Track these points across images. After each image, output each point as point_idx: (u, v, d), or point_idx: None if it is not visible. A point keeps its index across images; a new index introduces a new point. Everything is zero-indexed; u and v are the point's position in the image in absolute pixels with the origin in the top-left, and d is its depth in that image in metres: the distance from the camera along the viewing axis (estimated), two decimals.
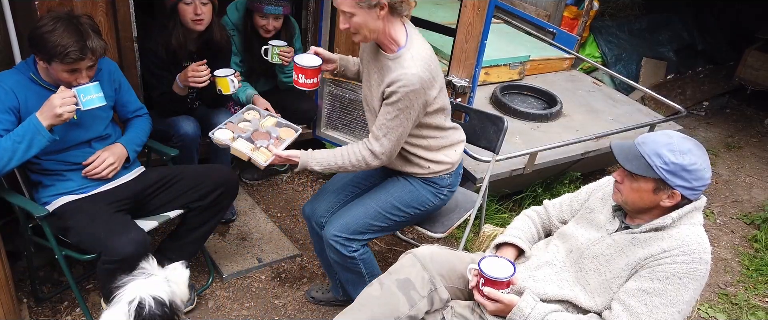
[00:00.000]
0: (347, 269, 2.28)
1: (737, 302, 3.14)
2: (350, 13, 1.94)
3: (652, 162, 1.59)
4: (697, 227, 1.64)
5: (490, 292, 1.69)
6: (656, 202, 1.64)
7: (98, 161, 2.27)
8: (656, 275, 1.59)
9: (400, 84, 1.97)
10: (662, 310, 1.57)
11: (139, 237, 2.14)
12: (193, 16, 2.64)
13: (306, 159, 2.11)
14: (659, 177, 1.59)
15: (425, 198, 2.29)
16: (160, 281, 1.83)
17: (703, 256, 1.59)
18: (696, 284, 1.58)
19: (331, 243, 2.21)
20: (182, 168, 2.52)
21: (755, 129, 5.34)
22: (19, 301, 2.51)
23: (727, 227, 3.83)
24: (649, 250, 1.62)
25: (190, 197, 2.42)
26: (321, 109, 3.47)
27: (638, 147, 1.64)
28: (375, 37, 2.03)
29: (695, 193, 1.62)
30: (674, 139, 1.61)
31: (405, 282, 1.83)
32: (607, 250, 1.71)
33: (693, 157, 1.58)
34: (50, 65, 2.05)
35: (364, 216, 2.23)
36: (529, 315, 1.68)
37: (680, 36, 5.89)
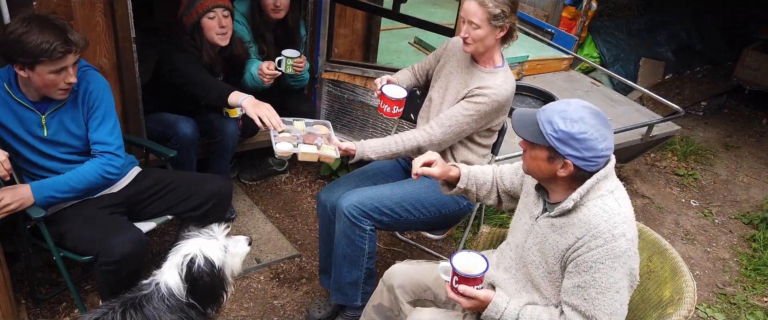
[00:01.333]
0: (351, 242, 2.28)
1: (736, 302, 3.14)
2: (476, 25, 2.13)
3: (544, 129, 1.55)
4: (605, 199, 1.58)
5: (466, 290, 1.69)
6: (553, 172, 1.60)
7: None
8: (580, 267, 1.58)
9: (492, 91, 2.19)
10: (601, 299, 1.56)
11: (137, 236, 2.14)
12: (218, 30, 2.67)
13: (362, 149, 2.22)
14: (550, 145, 1.55)
15: (445, 201, 2.35)
16: (219, 246, 1.87)
17: (615, 232, 1.54)
18: (620, 260, 1.55)
19: (346, 211, 2.23)
20: (176, 175, 2.48)
21: (753, 129, 5.35)
22: (18, 302, 2.51)
23: (725, 227, 3.84)
24: (566, 240, 1.61)
25: (183, 207, 2.40)
26: (320, 110, 3.47)
27: (536, 114, 1.60)
28: (482, 52, 2.22)
29: (589, 164, 1.55)
30: (571, 106, 1.56)
31: (379, 307, 2.06)
32: (536, 240, 1.70)
33: (583, 126, 1.52)
34: (34, 70, 1.94)
35: (385, 198, 2.27)
36: (505, 310, 1.68)
37: (678, 36, 5.89)
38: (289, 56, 2.85)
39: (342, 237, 2.29)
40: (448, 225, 2.48)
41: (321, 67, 3.33)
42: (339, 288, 2.41)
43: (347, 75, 3.30)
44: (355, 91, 3.31)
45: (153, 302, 1.80)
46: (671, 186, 4.22)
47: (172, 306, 1.81)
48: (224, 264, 1.88)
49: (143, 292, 1.83)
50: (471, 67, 2.30)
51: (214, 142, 2.96)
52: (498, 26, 2.14)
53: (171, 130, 2.79)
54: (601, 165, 1.59)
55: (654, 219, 3.80)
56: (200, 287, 1.82)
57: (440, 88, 2.39)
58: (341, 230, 2.29)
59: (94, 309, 1.83)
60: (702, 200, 4.11)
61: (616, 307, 1.57)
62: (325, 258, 2.53)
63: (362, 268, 2.33)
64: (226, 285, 1.92)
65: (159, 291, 1.82)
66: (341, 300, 2.42)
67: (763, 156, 4.85)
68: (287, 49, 2.92)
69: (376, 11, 3.31)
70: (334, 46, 3.36)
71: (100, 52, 2.58)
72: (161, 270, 1.86)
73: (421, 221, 2.36)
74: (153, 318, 1.78)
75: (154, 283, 1.84)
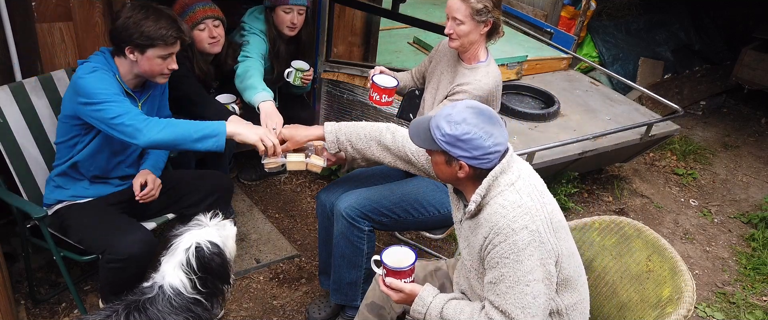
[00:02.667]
0: (350, 242, 2.28)
1: (735, 301, 3.14)
2: (460, 21, 2.16)
3: (434, 134, 1.58)
4: (504, 194, 1.59)
5: (392, 283, 1.71)
6: (454, 174, 1.62)
7: (151, 183, 2.28)
8: (490, 264, 1.60)
9: (470, 86, 2.20)
10: (511, 292, 1.57)
11: (147, 237, 2.14)
12: (209, 40, 2.67)
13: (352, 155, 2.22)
14: (442, 150, 1.58)
15: (444, 201, 2.35)
16: (213, 230, 1.91)
17: (514, 226, 1.55)
18: (525, 253, 1.55)
19: (344, 213, 2.24)
20: (178, 174, 2.51)
21: (752, 128, 5.36)
22: (17, 303, 2.50)
23: (724, 226, 3.84)
24: (478, 241, 1.63)
25: (185, 203, 2.42)
26: (319, 111, 3.47)
27: (429, 120, 1.62)
28: (466, 48, 2.24)
29: (482, 162, 1.57)
30: (456, 109, 1.58)
31: (372, 305, 2.07)
32: (463, 244, 1.74)
33: (466, 127, 1.54)
34: (145, 54, 2.07)
35: (384, 199, 2.28)
36: (431, 303, 1.70)
37: (677, 36, 5.90)
38: (299, 68, 2.85)
39: (340, 238, 2.30)
40: (448, 225, 2.49)
41: (320, 68, 3.33)
42: (339, 289, 2.41)
43: (346, 75, 3.30)
44: (354, 91, 3.31)
45: (157, 304, 1.80)
46: (670, 186, 4.23)
47: (178, 306, 1.81)
48: (225, 247, 1.92)
49: (147, 295, 1.83)
50: (456, 65, 2.33)
51: None
52: (481, 21, 2.16)
53: None
54: (495, 161, 1.60)
55: (653, 218, 3.81)
56: (214, 271, 1.85)
57: (432, 88, 2.41)
58: (340, 231, 2.29)
59: (97, 311, 1.82)
60: (701, 199, 4.12)
61: (528, 300, 1.57)
62: (325, 260, 2.53)
63: (361, 269, 2.34)
64: (230, 269, 1.95)
65: (164, 293, 1.81)
66: (341, 300, 2.43)
67: (762, 155, 4.86)
68: (297, 61, 2.91)
69: (375, 11, 3.31)
70: (333, 46, 3.36)
71: None
72: (162, 272, 1.86)
73: (420, 221, 2.36)
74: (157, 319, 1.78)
75: (157, 286, 1.84)
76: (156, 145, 2.06)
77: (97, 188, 2.30)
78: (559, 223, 1.67)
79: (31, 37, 2.42)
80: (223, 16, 2.73)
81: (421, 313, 1.71)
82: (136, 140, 2.02)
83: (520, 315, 1.56)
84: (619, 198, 3.92)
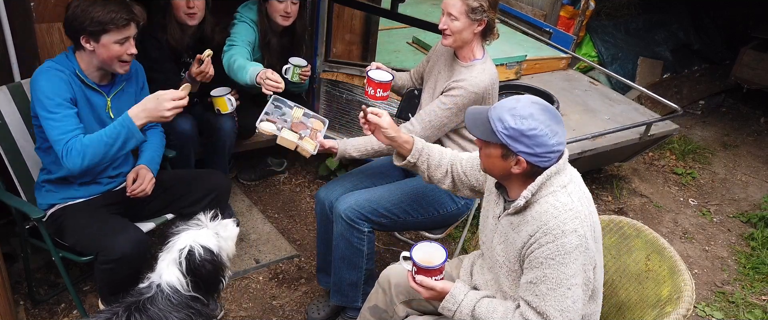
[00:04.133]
0: (350, 244, 2.28)
1: (734, 300, 3.14)
2: (454, 17, 2.15)
3: (495, 126, 1.55)
4: (557, 195, 1.58)
5: (423, 280, 1.70)
6: (507, 169, 1.60)
7: (140, 179, 2.26)
8: (533, 264, 1.58)
9: (467, 83, 2.20)
10: (551, 294, 1.56)
11: (138, 236, 2.14)
12: (186, 9, 2.64)
13: (344, 147, 2.23)
14: (502, 143, 1.55)
15: (443, 201, 2.35)
16: (210, 233, 1.89)
17: (565, 228, 1.54)
18: (571, 256, 1.54)
19: (343, 214, 2.23)
20: (175, 174, 2.51)
21: (751, 128, 5.36)
22: (16, 303, 2.50)
23: (723, 225, 3.84)
24: (522, 238, 1.61)
25: (183, 203, 2.41)
26: (318, 110, 3.47)
27: (488, 111, 1.60)
28: (461, 46, 2.24)
29: (541, 160, 1.56)
30: (520, 103, 1.56)
31: (374, 309, 2.07)
32: (499, 239, 1.71)
33: (533, 122, 1.52)
34: (100, 41, 2.04)
35: (384, 200, 2.28)
36: (462, 301, 1.69)
37: (676, 35, 5.90)
38: (297, 65, 2.83)
39: (340, 239, 2.30)
40: (447, 225, 2.49)
41: (319, 67, 3.33)
42: (339, 290, 2.41)
43: (345, 75, 3.30)
44: (353, 91, 3.31)
45: (157, 303, 1.80)
46: (669, 185, 4.23)
47: (177, 304, 1.81)
48: (220, 249, 1.90)
49: (145, 295, 1.82)
50: (452, 64, 2.33)
51: (211, 141, 2.96)
52: (476, 20, 2.16)
53: (169, 126, 2.78)
54: (553, 161, 1.59)
55: (652, 218, 3.81)
56: (204, 276, 1.83)
57: (430, 87, 2.41)
58: (339, 232, 2.29)
59: (96, 314, 1.82)
60: (700, 199, 4.12)
61: (567, 304, 1.56)
62: (323, 258, 2.53)
63: (362, 270, 2.34)
64: (224, 269, 1.94)
65: (162, 292, 1.81)
66: (342, 301, 2.43)
67: (761, 154, 4.86)
68: (295, 58, 2.89)
69: (374, 11, 3.31)
70: (332, 45, 3.36)
71: None
72: (158, 270, 1.86)
73: (420, 221, 2.36)
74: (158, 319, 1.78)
75: (155, 285, 1.83)
76: (87, 169, 2.08)
77: (87, 189, 2.29)
78: (599, 234, 1.67)
79: (30, 37, 2.42)
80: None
81: (452, 310, 1.70)
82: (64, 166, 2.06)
83: (558, 318, 1.56)
84: (619, 197, 3.92)
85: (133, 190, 2.24)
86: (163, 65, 2.73)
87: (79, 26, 2.03)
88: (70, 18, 2.04)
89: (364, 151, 2.24)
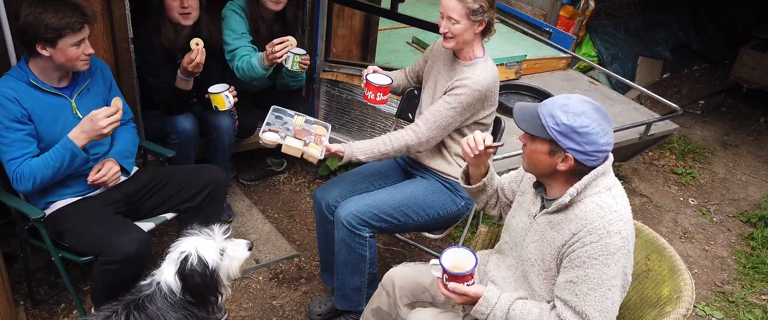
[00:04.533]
0: (352, 250, 2.28)
1: (734, 300, 3.14)
2: (455, 21, 2.14)
3: (546, 122, 1.56)
4: (601, 196, 1.59)
5: (456, 287, 1.70)
6: (553, 166, 1.60)
7: (105, 169, 2.25)
8: (574, 262, 1.58)
9: (470, 81, 2.19)
10: (591, 295, 1.55)
11: (140, 235, 2.14)
12: (180, 10, 2.63)
13: (350, 150, 2.20)
14: (551, 138, 1.56)
15: (444, 202, 2.36)
16: (215, 248, 1.87)
17: (610, 229, 1.54)
18: (614, 257, 1.55)
19: (344, 221, 2.23)
20: (173, 170, 2.51)
21: (751, 127, 5.36)
22: (16, 304, 2.50)
23: (723, 225, 3.84)
24: (563, 236, 1.61)
25: (181, 198, 2.41)
26: (318, 110, 3.47)
27: (538, 107, 1.61)
28: (461, 47, 2.24)
29: (589, 158, 1.56)
30: (572, 100, 1.57)
31: (377, 311, 2.06)
32: (535, 238, 1.70)
33: (586, 120, 1.53)
34: (56, 46, 2.05)
35: (384, 204, 2.27)
36: (496, 304, 1.69)
37: (676, 35, 5.90)
38: (296, 53, 2.84)
39: (342, 245, 2.30)
40: (447, 226, 2.49)
41: (319, 67, 3.33)
42: (343, 295, 2.42)
43: (345, 75, 3.30)
44: (353, 91, 3.31)
45: (156, 302, 1.80)
46: (669, 185, 4.23)
47: (174, 304, 1.81)
48: (219, 266, 1.87)
49: (145, 293, 1.83)
50: (453, 63, 2.32)
51: (210, 139, 2.95)
52: (477, 21, 2.15)
53: (170, 125, 2.79)
54: (600, 161, 1.59)
55: (652, 217, 3.81)
56: (190, 286, 1.82)
57: (429, 88, 2.40)
58: (341, 238, 2.29)
59: (95, 313, 1.82)
60: (700, 198, 4.12)
61: (607, 304, 1.56)
62: (325, 257, 2.53)
63: (364, 274, 2.34)
64: (220, 287, 1.91)
65: (160, 290, 1.82)
66: (346, 306, 2.44)
67: (761, 154, 4.86)
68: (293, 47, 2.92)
69: (374, 11, 3.31)
70: (332, 45, 3.35)
71: (97, 52, 2.56)
72: (161, 269, 1.86)
73: (420, 224, 2.36)
74: (157, 318, 1.78)
75: (155, 283, 1.84)
76: (40, 188, 2.15)
77: (79, 185, 2.28)
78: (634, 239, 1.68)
79: None
80: None
81: (485, 314, 1.69)
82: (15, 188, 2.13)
83: (597, 318, 1.55)
84: None
85: (95, 180, 2.23)
86: (158, 70, 2.73)
87: (34, 34, 2.02)
88: (23, 26, 2.03)
89: (370, 154, 2.22)
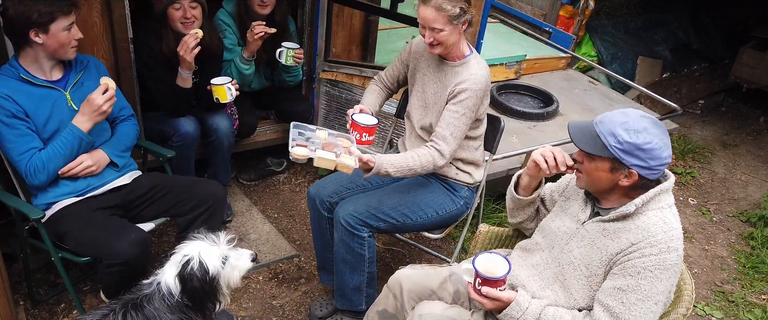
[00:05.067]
0: (350, 249, 2.28)
1: (734, 299, 3.15)
2: (439, 29, 2.12)
3: (607, 141, 1.58)
4: (664, 211, 1.62)
5: (489, 292, 1.70)
6: (614, 182, 1.62)
7: (75, 162, 2.24)
8: (628, 271, 1.59)
9: (470, 83, 2.17)
10: (639, 306, 1.57)
11: (141, 236, 2.14)
12: (182, 19, 2.63)
13: (381, 162, 2.15)
14: (614, 157, 1.58)
15: (443, 202, 2.36)
16: (217, 254, 1.87)
17: (670, 244, 1.57)
18: (668, 273, 1.57)
19: (343, 221, 2.22)
20: (173, 179, 2.50)
21: (751, 127, 5.36)
22: (16, 304, 2.50)
23: (723, 225, 3.84)
24: (619, 244, 1.62)
25: (178, 210, 2.40)
26: (317, 110, 3.47)
27: (595, 126, 1.62)
28: (449, 50, 2.21)
29: (653, 172, 1.59)
30: (630, 117, 1.59)
31: (383, 313, 2.05)
32: (582, 243, 1.71)
33: (648, 136, 1.56)
34: (49, 31, 2.06)
35: (383, 205, 2.27)
36: (527, 309, 1.69)
37: (675, 35, 5.90)
38: (290, 47, 2.85)
39: (341, 245, 2.30)
40: (446, 225, 2.48)
41: (318, 67, 3.33)
42: (343, 295, 2.42)
43: (345, 74, 3.30)
44: (352, 91, 3.31)
45: (154, 302, 1.80)
46: None
47: (172, 306, 1.81)
48: (219, 273, 1.87)
49: (144, 292, 1.83)
50: (441, 65, 2.29)
51: (210, 141, 2.96)
52: (460, 23, 2.13)
53: (172, 128, 2.78)
54: (660, 174, 1.62)
55: None
56: (188, 290, 1.81)
57: (418, 91, 2.38)
58: (339, 238, 2.29)
59: (93, 311, 1.82)
60: (700, 198, 4.12)
61: (649, 318, 1.58)
62: (322, 254, 2.53)
63: (364, 274, 2.34)
64: (218, 294, 1.91)
65: (160, 291, 1.82)
66: (346, 305, 2.43)
67: (760, 154, 4.86)
68: (286, 42, 2.94)
69: (373, 11, 3.31)
70: (332, 45, 3.35)
71: (97, 52, 2.57)
72: (163, 270, 1.87)
73: (418, 224, 2.36)
74: (153, 318, 1.78)
75: (155, 283, 1.84)
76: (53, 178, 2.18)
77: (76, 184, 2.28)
78: None
79: None
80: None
81: (515, 318, 1.70)
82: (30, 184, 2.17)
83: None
84: None
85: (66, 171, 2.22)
86: (158, 73, 2.73)
87: (27, 21, 2.04)
88: (13, 18, 2.04)
89: (399, 168, 2.16)
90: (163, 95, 2.74)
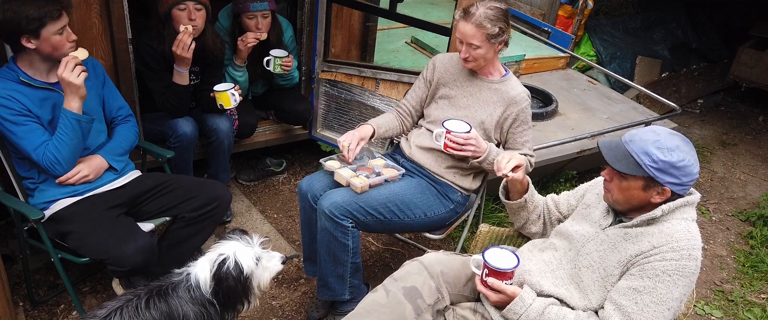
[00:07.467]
0: (334, 238, 2.26)
1: (733, 298, 3.15)
2: (476, 46, 2.20)
3: (641, 160, 1.59)
4: (688, 222, 1.64)
5: (494, 283, 1.71)
6: (647, 199, 1.64)
7: (71, 172, 2.23)
8: (646, 273, 1.59)
9: (522, 96, 2.34)
10: (653, 308, 1.57)
11: (145, 242, 2.14)
12: (187, 22, 2.63)
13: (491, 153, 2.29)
14: (649, 175, 1.59)
15: (431, 203, 2.36)
16: (252, 255, 1.90)
17: (692, 253, 1.59)
18: (685, 280, 1.58)
19: (327, 211, 2.22)
20: (178, 178, 2.50)
21: (750, 126, 5.37)
22: (15, 305, 2.50)
23: (722, 224, 3.85)
24: (640, 246, 1.63)
25: (183, 209, 2.40)
26: (317, 110, 3.47)
27: (626, 145, 1.63)
28: (483, 65, 2.31)
29: (684, 188, 1.62)
30: (661, 136, 1.61)
31: (411, 290, 1.81)
32: (601, 246, 1.71)
33: (681, 154, 1.58)
34: (40, 36, 2.04)
35: (370, 198, 2.26)
36: (531, 306, 1.69)
37: (674, 34, 5.91)
38: (277, 56, 2.86)
39: (324, 234, 2.29)
40: (435, 228, 2.48)
41: (318, 67, 3.33)
42: (325, 284, 2.40)
43: (344, 75, 3.30)
44: (351, 91, 3.31)
45: (178, 291, 1.83)
46: None
47: (195, 298, 1.83)
48: (252, 274, 1.90)
49: (172, 280, 1.86)
50: (473, 79, 2.37)
51: (210, 142, 2.96)
52: (497, 42, 2.24)
53: (170, 129, 2.78)
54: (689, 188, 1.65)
55: None
56: (224, 288, 1.84)
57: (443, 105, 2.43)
58: (323, 227, 2.28)
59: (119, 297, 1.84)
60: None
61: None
62: (309, 245, 2.53)
63: (347, 264, 2.32)
64: (249, 294, 1.94)
65: (188, 281, 1.85)
66: (328, 295, 2.42)
67: (759, 153, 4.87)
68: (275, 49, 2.96)
69: (372, 11, 3.31)
70: (331, 45, 3.35)
71: (96, 52, 2.57)
72: (196, 263, 1.89)
73: (406, 224, 2.35)
74: (175, 307, 1.81)
75: (186, 273, 1.87)
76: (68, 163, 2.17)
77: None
78: None
79: None
80: (207, 2, 2.70)
81: (518, 314, 1.71)
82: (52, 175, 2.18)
83: None
84: None
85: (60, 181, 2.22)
86: (159, 74, 2.74)
87: (16, 27, 2.01)
88: (3, 23, 2.01)
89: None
90: (163, 96, 2.74)
